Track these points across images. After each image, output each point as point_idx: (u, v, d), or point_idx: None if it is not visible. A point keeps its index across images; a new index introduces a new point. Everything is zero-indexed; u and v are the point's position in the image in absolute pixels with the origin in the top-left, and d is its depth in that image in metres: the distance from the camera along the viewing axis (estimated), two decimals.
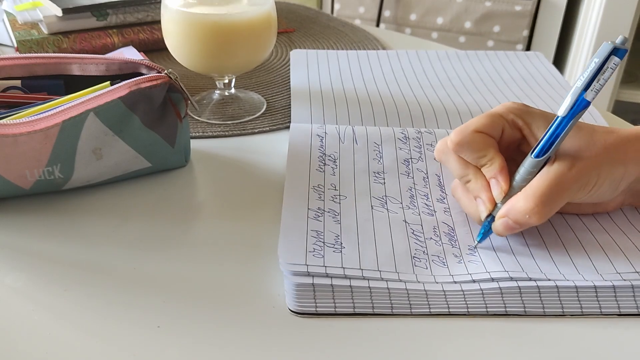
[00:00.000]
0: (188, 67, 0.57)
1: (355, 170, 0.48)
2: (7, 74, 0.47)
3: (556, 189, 0.38)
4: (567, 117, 0.38)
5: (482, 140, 0.41)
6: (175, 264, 0.40)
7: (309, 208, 0.43)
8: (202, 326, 0.36)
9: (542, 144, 0.39)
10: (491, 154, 0.41)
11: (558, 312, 0.37)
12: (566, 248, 0.41)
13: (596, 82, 0.37)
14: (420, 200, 0.45)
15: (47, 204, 0.46)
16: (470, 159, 0.42)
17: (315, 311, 0.36)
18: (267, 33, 0.56)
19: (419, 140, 0.52)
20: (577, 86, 0.38)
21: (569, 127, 0.39)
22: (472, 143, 0.41)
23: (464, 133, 0.41)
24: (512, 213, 0.39)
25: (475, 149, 0.41)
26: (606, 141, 0.40)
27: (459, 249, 0.41)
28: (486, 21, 1.62)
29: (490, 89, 0.64)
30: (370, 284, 0.37)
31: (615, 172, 0.40)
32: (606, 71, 0.37)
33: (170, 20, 0.54)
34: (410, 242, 0.41)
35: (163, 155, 0.48)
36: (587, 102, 0.38)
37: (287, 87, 0.65)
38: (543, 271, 0.38)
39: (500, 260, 0.39)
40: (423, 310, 0.37)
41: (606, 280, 0.37)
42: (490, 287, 0.37)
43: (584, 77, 0.38)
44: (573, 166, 0.39)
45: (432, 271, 0.38)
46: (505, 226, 0.40)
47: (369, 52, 0.72)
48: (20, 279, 0.39)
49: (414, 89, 0.63)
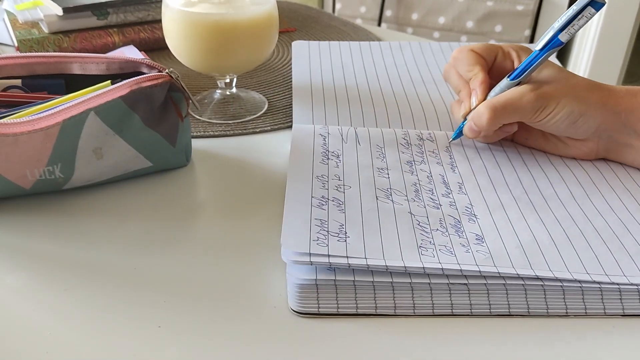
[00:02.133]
0: (189, 66, 0.56)
1: (359, 165, 0.48)
2: (7, 73, 0.47)
3: (510, 103, 0.46)
4: (542, 51, 0.46)
5: (474, 57, 0.50)
6: (176, 264, 0.40)
7: (313, 196, 0.43)
8: (203, 326, 0.36)
9: (518, 70, 0.48)
10: (477, 69, 0.50)
11: (562, 312, 0.37)
12: (573, 245, 0.40)
13: (571, 26, 0.44)
14: (425, 195, 0.45)
15: (47, 204, 0.45)
16: (462, 71, 0.51)
17: (318, 311, 0.36)
18: (269, 32, 0.55)
19: (421, 147, 0.52)
20: (554, 27, 0.45)
21: (542, 60, 0.46)
22: (465, 59, 0.51)
23: (462, 51, 0.51)
24: (474, 117, 0.48)
25: (466, 63, 0.51)
26: (578, 82, 0.48)
27: (466, 239, 0.40)
28: (488, 21, 1.62)
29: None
30: (375, 278, 0.37)
31: (575, 107, 0.46)
32: (581, 19, 0.44)
33: (171, 20, 0.54)
34: (416, 232, 0.40)
35: (164, 155, 0.48)
36: (561, 42, 0.45)
37: (289, 86, 0.65)
38: (551, 269, 0.38)
39: (508, 254, 0.39)
40: (426, 311, 0.36)
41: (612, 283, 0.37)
42: (495, 282, 0.37)
43: (561, 20, 0.45)
44: (534, 90, 0.46)
45: (440, 259, 0.38)
46: (469, 127, 0.49)
47: (372, 43, 0.72)
48: (20, 279, 0.39)
49: (417, 86, 0.63)
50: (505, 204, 0.44)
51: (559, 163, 0.50)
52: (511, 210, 0.44)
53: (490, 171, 0.48)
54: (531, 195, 0.45)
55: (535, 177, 0.48)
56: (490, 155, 0.51)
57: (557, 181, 0.47)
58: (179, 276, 0.39)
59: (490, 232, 0.41)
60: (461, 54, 0.51)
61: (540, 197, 0.45)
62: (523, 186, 0.46)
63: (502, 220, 0.42)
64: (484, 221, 0.42)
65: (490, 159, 0.50)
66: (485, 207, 0.44)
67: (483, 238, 0.40)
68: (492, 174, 0.48)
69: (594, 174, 0.48)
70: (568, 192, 0.46)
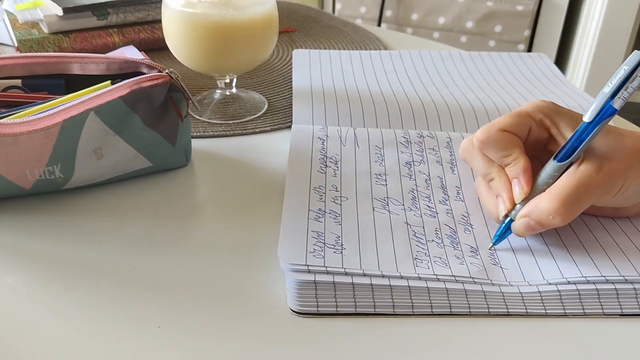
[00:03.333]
0: (189, 66, 0.56)
1: (357, 172, 0.48)
2: (7, 73, 0.47)
3: (582, 191, 0.38)
4: (592, 123, 0.38)
5: (508, 139, 0.41)
6: (176, 264, 0.40)
7: (310, 209, 0.43)
8: (203, 326, 0.36)
9: (566, 149, 0.39)
10: (516, 153, 0.41)
11: (560, 312, 0.37)
12: (569, 250, 0.40)
13: (624, 90, 0.37)
14: (422, 202, 0.45)
15: (47, 204, 0.45)
16: (494, 157, 0.42)
17: (317, 311, 0.36)
18: (268, 33, 0.55)
19: (421, 144, 0.51)
20: (605, 92, 0.38)
21: (593, 134, 0.38)
22: (498, 142, 0.41)
23: (490, 131, 0.41)
24: (534, 213, 0.39)
25: (500, 147, 0.41)
26: (635, 146, 0.40)
27: (461, 251, 0.40)
28: (488, 21, 1.62)
29: (494, 89, 0.63)
30: (373, 281, 0.37)
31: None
32: (635, 79, 0.37)
33: (171, 20, 0.54)
34: (411, 244, 0.41)
35: (164, 155, 0.48)
36: (614, 109, 0.37)
37: (289, 86, 0.65)
38: (545, 277, 0.38)
39: (502, 268, 0.39)
40: (425, 310, 0.37)
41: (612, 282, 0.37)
42: (492, 290, 0.37)
43: (611, 84, 0.37)
44: (600, 169, 0.38)
45: (435, 271, 0.38)
46: (526, 226, 0.39)
47: (372, 52, 0.72)
48: (20, 279, 0.39)
49: (417, 89, 0.63)
50: None
51: None
52: None
53: None
54: None
55: None
56: None
57: None
58: (179, 276, 0.39)
59: (485, 244, 0.41)
60: (490, 136, 0.41)
61: None
62: None
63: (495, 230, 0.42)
64: (479, 231, 0.42)
65: None
66: (481, 216, 0.44)
67: (477, 250, 0.41)
68: None
69: None
70: None
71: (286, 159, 0.50)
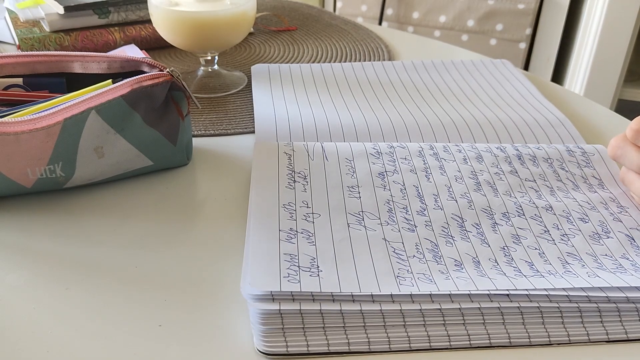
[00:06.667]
0: (175, 45, 0.62)
1: (327, 186, 0.45)
2: (8, 72, 0.47)
3: None
4: None
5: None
6: (177, 263, 0.40)
7: (280, 229, 0.40)
8: (203, 325, 0.36)
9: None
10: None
11: (544, 340, 0.35)
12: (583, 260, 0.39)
13: None
14: (400, 214, 0.43)
15: (48, 203, 0.45)
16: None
17: (287, 351, 0.34)
18: (244, 25, 0.61)
19: (392, 154, 0.49)
20: None
21: None
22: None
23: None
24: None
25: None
26: None
27: (445, 266, 0.38)
28: (489, 19, 1.62)
29: (459, 99, 0.62)
30: (342, 307, 0.34)
31: None
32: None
33: (154, 14, 0.60)
34: (392, 261, 0.38)
35: (165, 154, 0.48)
36: None
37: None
38: (536, 287, 0.36)
39: (489, 277, 0.37)
40: (402, 345, 0.34)
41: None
42: (489, 305, 0.35)
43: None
44: None
45: (419, 288, 0.36)
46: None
47: (333, 64, 0.70)
48: (21, 278, 0.39)
49: (382, 102, 0.61)
50: (482, 220, 0.43)
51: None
52: (486, 225, 0.42)
53: (467, 179, 0.47)
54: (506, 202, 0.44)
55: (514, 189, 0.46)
56: (465, 157, 0.49)
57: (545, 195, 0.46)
58: (179, 275, 0.39)
59: (468, 256, 0.39)
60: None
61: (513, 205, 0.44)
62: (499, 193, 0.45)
63: (477, 240, 0.41)
64: (462, 244, 0.40)
65: (465, 162, 0.48)
66: (461, 224, 0.42)
67: (462, 263, 0.39)
68: (468, 181, 0.46)
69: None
70: (548, 204, 0.44)
71: None
